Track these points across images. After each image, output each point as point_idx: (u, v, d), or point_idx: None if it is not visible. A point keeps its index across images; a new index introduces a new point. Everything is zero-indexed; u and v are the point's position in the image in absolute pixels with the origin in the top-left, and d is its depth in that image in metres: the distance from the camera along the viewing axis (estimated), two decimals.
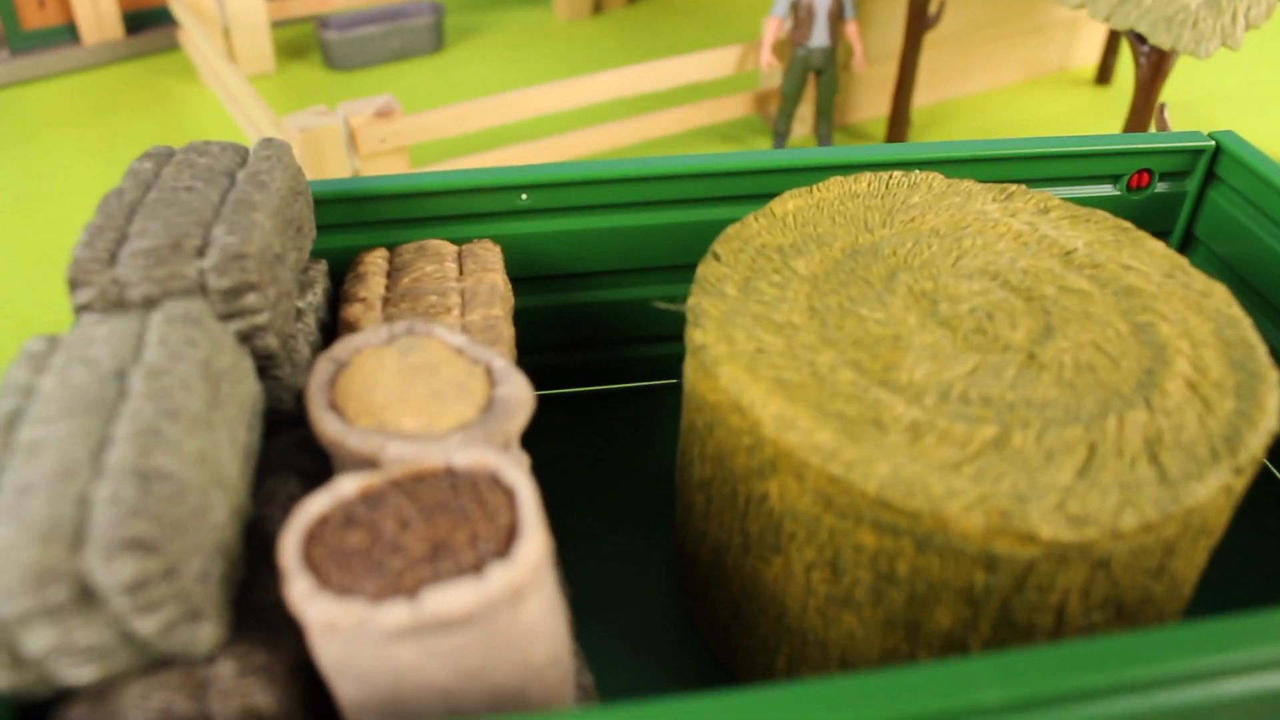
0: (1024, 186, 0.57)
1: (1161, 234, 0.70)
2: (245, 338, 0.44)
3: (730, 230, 0.53)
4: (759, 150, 0.60)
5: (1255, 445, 0.41)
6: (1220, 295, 0.50)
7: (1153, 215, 0.69)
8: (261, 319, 0.44)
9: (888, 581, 0.41)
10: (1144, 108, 1.14)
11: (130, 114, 1.47)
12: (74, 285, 0.43)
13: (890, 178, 0.57)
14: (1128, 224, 0.55)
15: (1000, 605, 0.40)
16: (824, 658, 0.46)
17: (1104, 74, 1.61)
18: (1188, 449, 0.41)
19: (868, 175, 0.57)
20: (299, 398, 0.47)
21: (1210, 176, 0.67)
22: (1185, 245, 0.70)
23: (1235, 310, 0.49)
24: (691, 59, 1.32)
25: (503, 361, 0.42)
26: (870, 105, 1.48)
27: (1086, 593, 0.40)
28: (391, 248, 0.58)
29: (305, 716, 0.36)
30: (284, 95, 1.53)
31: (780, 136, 1.34)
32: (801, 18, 1.27)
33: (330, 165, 1.12)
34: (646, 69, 1.29)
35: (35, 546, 0.30)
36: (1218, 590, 0.58)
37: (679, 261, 0.63)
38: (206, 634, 0.33)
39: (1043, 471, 0.39)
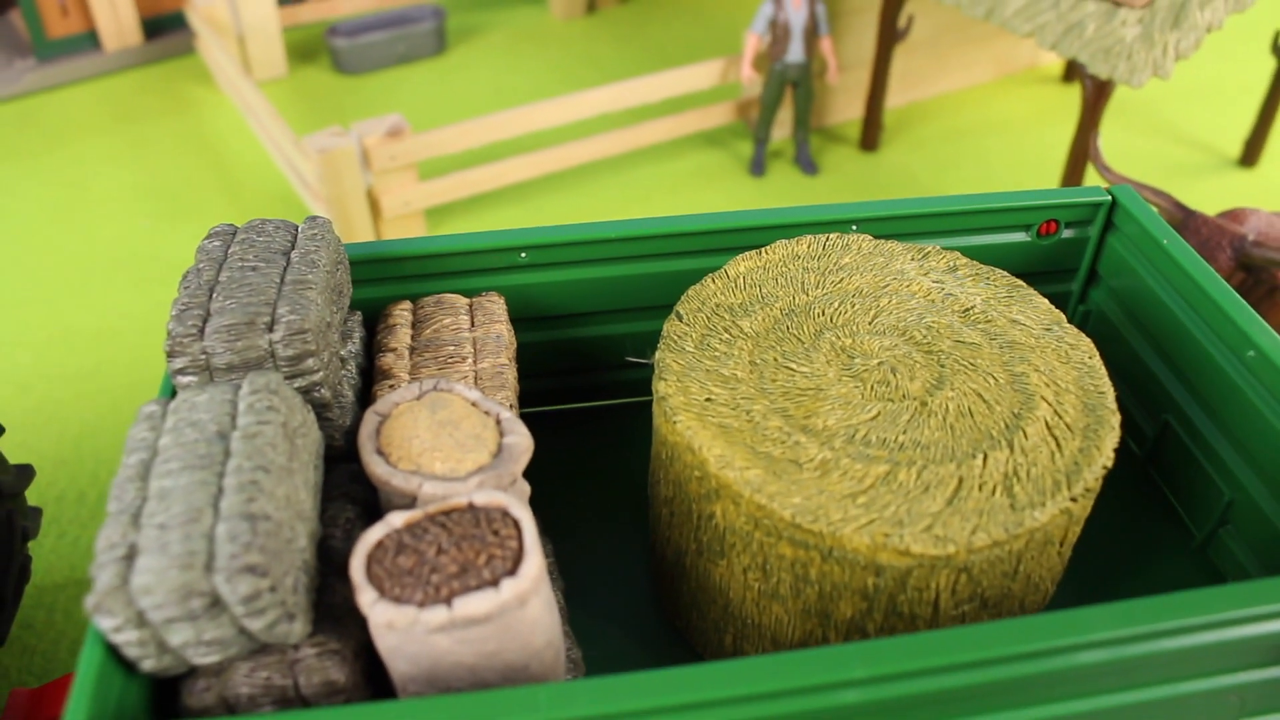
0: (938, 247, 0.69)
1: (1069, 271, 0.82)
2: (305, 392, 0.57)
3: (691, 290, 0.65)
4: (716, 213, 0.72)
5: (1090, 478, 0.54)
6: (1086, 347, 0.62)
7: (1061, 256, 0.81)
8: (318, 377, 0.56)
9: (803, 581, 0.54)
10: (1089, 126, 1.25)
11: (153, 121, 1.58)
12: (171, 355, 0.55)
13: (827, 239, 0.69)
14: (1021, 282, 0.67)
15: (888, 600, 0.53)
16: (759, 637, 0.59)
17: (1070, 72, 1.72)
18: (1036, 482, 0.53)
19: (809, 238, 0.69)
20: (348, 435, 0.59)
21: (1109, 224, 0.79)
22: (1090, 281, 0.82)
23: (1096, 361, 0.61)
24: (678, 73, 1.42)
25: (509, 414, 0.54)
26: (845, 109, 1.59)
27: (954, 590, 0.53)
28: (414, 299, 0.70)
29: (367, 686, 0.49)
30: (296, 100, 1.63)
31: (761, 142, 1.45)
32: (778, 35, 1.38)
33: (347, 181, 1.23)
34: (637, 83, 1.40)
35: (179, 572, 0.43)
36: (1102, 579, 0.71)
37: (651, 304, 0.76)
38: (298, 629, 0.46)
39: (919, 501, 0.52)
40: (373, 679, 0.51)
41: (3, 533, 0.76)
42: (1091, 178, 1.42)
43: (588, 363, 0.79)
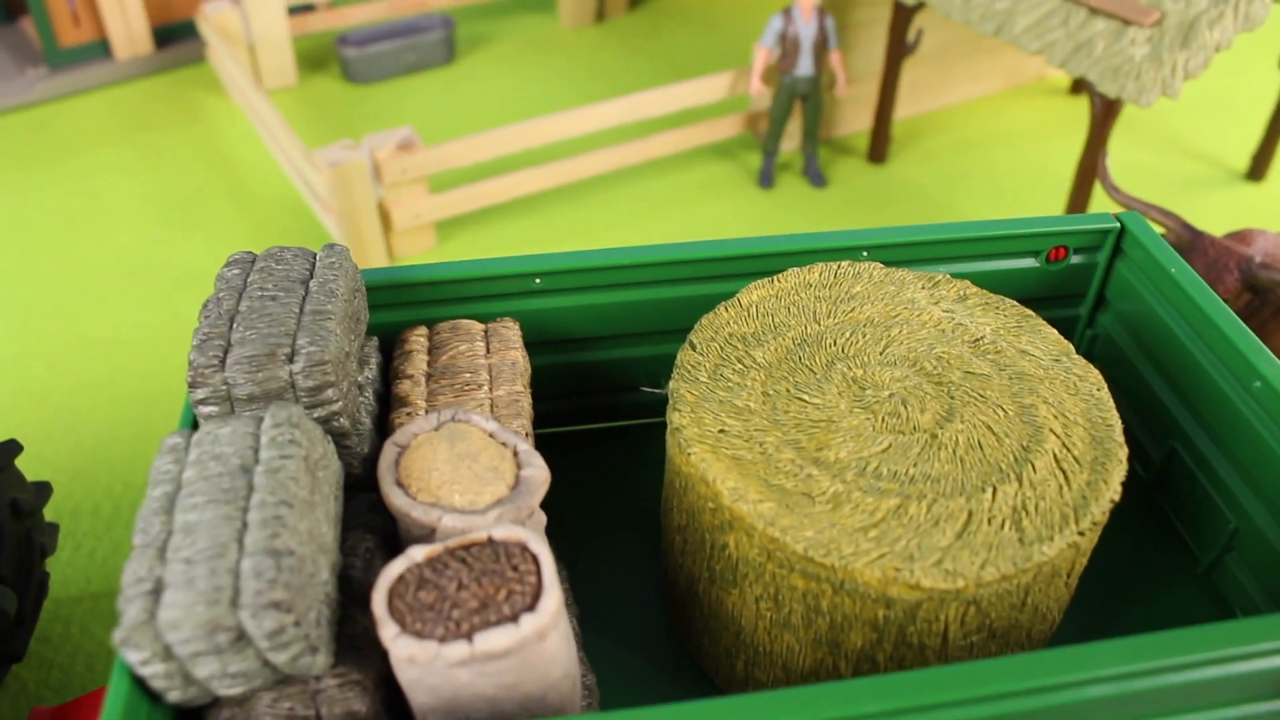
0: (948, 275, 0.70)
1: (1078, 296, 0.83)
2: (324, 421, 0.57)
3: (705, 319, 0.66)
4: (728, 240, 0.73)
5: (1097, 512, 0.55)
6: (1094, 379, 0.63)
7: (1070, 281, 0.81)
8: (336, 407, 0.57)
9: (815, 612, 0.55)
10: (1096, 143, 1.26)
11: (164, 130, 1.59)
12: (193, 385, 0.56)
13: (839, 267, 0.70)
14: (1030, 312, 0.68)
15: (898, 630, 0.54)
16: (771, 665, 0.60)
17: (1078, 84, 1.72)
18: (1045, 515, 0.54)
19: (820, 266, 0.70)
20: (366, 463, 0.60)
21: (1118, 250, 0.80)
22: (1098, 305, 0.83)
23: (1104, 393, 0.62)
24: (688, 85, 1.43)
25: (526, 446, 0.55)
26: (854, 120, 1.60)
27: (963, 621, 0.54)
28: (430, 324, 0.71)
29: (387, 714, 0.50)
30: (306, 110, 1.64)
31: (769, 154, 1.46)
32: (788, 48, 1.39)
33: (358, 194, 1.24)
34: (647, 96, 1.41)
35: (205, 608, 0.44)
36: (1107, 604, 0.72)
37: (663, 328, 0.77)
38: (321, 661, 0.47)
39: (929, 535, 0.53)
40: (392, 707, 0.52)
41: (22, 550, 0.77)
42: (1100, 193, 1.43)
43: (601, 385, 0.80)
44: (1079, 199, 1.31)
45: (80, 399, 1.10)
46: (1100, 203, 1.41)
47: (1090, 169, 1.29)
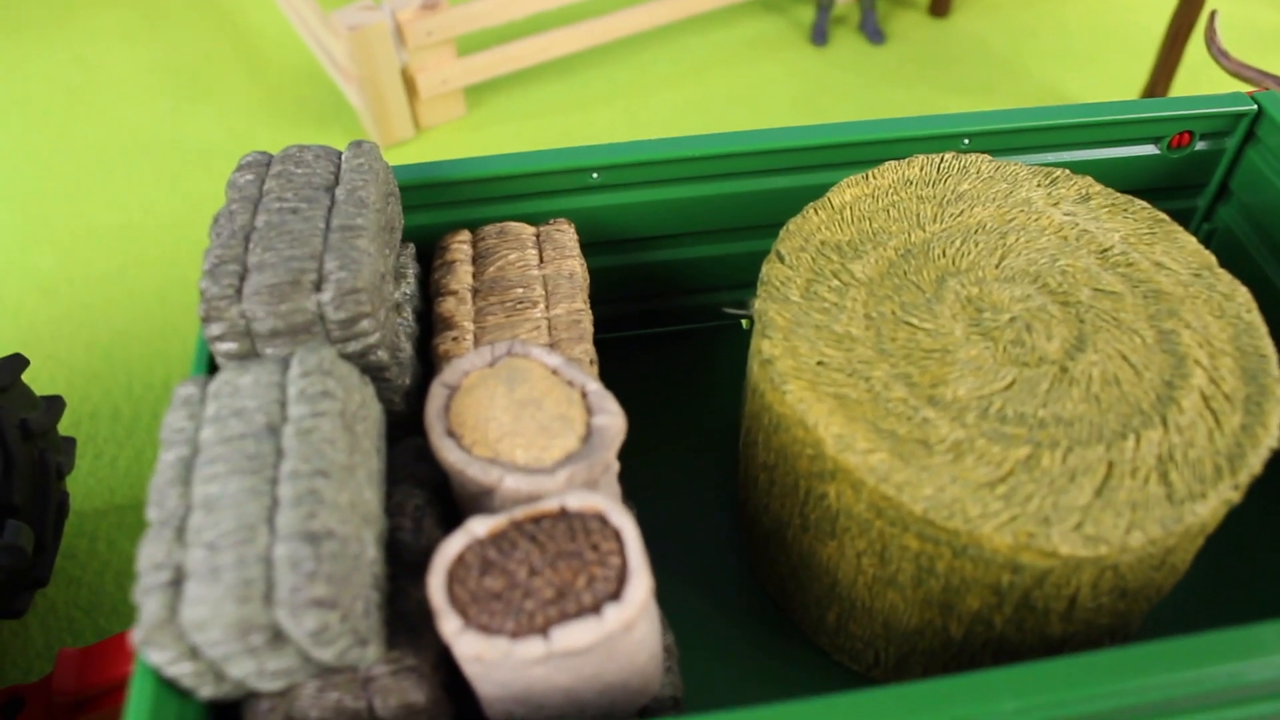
0: (1067, 171, 0.61)
1: (1197, 186, 0.73)
2: (359, 355, 0.50)
3: (791, 225, 0.57)
4: (810, 126, 0.63)
5: (1255, 462, 0.47)
6: (1242, 299, 0.54)
7: (1190, 170, 0.72)
8: (373, 339, 0.50)
9: (927, 573, 0.48)
10: None
11: None
12: (206, 320, 0.48)
13: (941, 160, 0.60)
14: (1163, 215, 0.58)
15: (1022, 595, 0.47)
16: (869, 620, 0.53)
17: None
18: (1194, 466, 0.47)
19: (920, 159, 0.60)
20: (408, 397, 0.53)
21: (1250, 135, 0.70)
22: (1219, 197, 0.73)
23: (1255, 317, 0.53)
24: None
25: (596, 385, 0.48)
26: None
27: (1096, 585, 0.47)
28: (473, 228, 0.63)
29: (449, 701, 0.44)
30: None
31: (824, 8, 1.33)
32: None
33: (380, 60, 1.14)
34: None
35: (235, 605, 0.37)
36: (1225, 540, 0.65)
37: (736, 225, 0.68)
38: (371, 654, 0.40)
39: (1065, 492, 0.45)
40: (453, 687, 0.46)
41: (36, 475, 0.71)
42: (1190, 57, 1.30)
43: (665, 288, 0.72)
44: (1168, 62, 1.18)
45: (92, 292, 1.03)
46: (1191, 67, 1.28)
47: (1184, 26, 1.16)
